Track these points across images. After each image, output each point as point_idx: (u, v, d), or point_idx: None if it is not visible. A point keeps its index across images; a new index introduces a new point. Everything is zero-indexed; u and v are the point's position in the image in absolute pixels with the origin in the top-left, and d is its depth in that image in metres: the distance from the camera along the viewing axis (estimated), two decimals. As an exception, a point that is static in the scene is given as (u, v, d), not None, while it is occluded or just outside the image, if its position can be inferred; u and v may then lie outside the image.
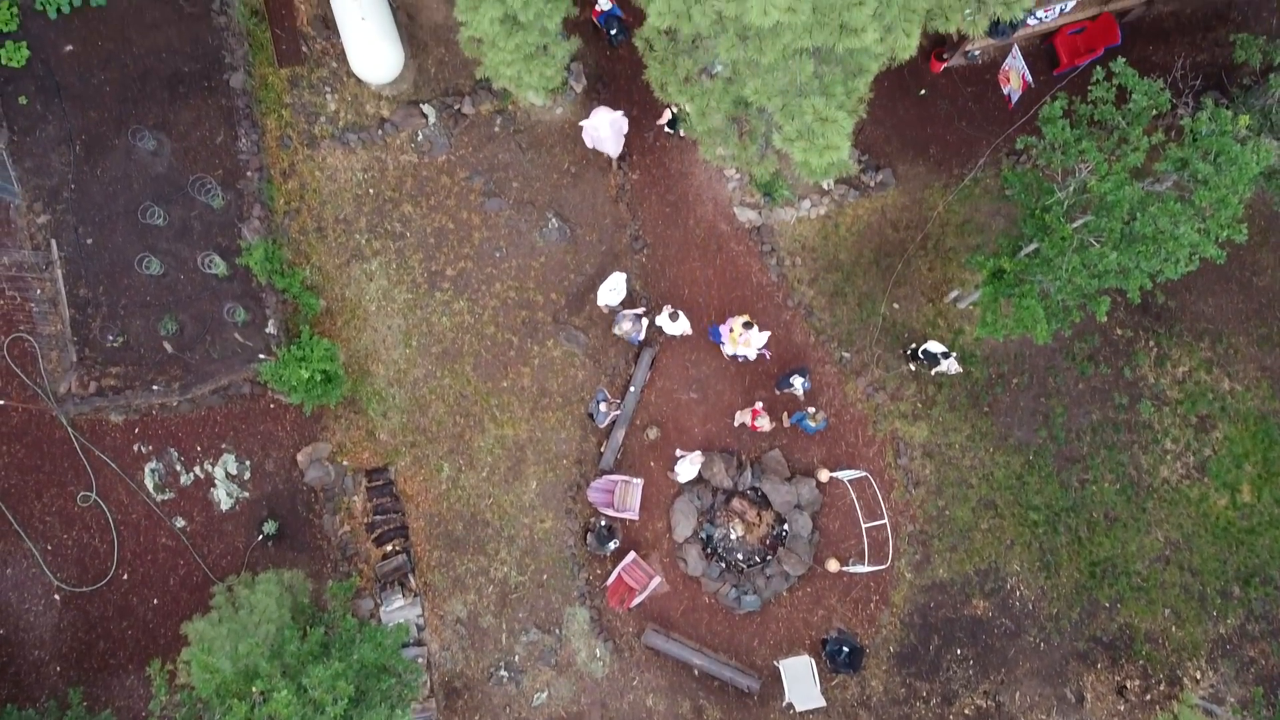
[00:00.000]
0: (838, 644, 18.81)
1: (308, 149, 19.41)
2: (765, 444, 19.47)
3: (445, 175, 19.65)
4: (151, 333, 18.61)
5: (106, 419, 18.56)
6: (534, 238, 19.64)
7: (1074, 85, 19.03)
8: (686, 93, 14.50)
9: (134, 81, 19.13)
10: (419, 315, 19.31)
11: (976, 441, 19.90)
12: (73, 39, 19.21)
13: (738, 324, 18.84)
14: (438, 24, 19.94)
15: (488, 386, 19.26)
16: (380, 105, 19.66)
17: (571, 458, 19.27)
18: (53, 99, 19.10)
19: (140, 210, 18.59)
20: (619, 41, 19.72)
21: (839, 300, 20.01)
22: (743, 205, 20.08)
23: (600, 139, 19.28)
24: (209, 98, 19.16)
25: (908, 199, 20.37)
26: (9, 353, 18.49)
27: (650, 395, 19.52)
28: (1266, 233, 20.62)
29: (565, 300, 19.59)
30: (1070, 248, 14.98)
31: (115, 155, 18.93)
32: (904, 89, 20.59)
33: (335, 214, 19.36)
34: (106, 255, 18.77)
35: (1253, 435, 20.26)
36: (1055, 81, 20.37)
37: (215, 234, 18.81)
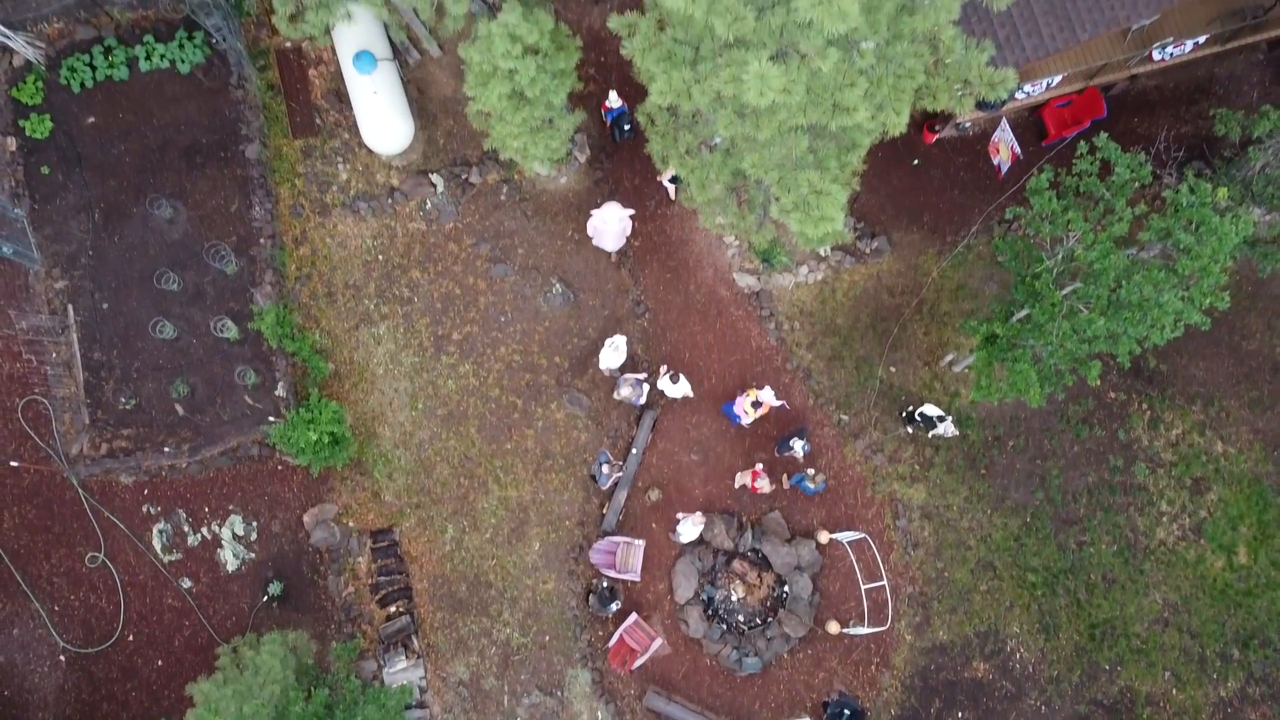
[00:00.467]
0: (839, 706, 18.84)
1: (319, 217, 20.00)
2: (765, 505, 19.72)
3: (453, 242, 20.22)
4: (163, 395, 19.00)
5: (117, 480, 18.85)
6: (538, 302, 20.13)
7: (1061, 156, 19.66)
8: (687, 165, 15.08)
9: (153, 152, 19.81)
10: (425, 378, 19.71)
11: (974, 503, 20.13)
12: (95, 111, 19.94)
13: (747, 402, 19.18)
14: (446, 97, 20.68)
15: (492, 448, 19.58)
16: (390, 174, 20.30)
17: (574, 519, 19.51)
18: (74, 169, 19.76)
19: (156, 276, 19.12)
20: (624, 138, 20.29)
21: (837, 364, 20.42)
22: (742, 271, 20.60)
23: (603, 233, 19.75)
24: (225, 167, 19.82)
25: (903, 265, 20.90)
26: (23, 415, 18.85)
27: (652, 457, 19.82)
28: (1254, 298, 21.10)
29: (568, 364, 20.00)
30: (1060, 314, 15.43)
31: (133, 223, 19.53)
32: (898, 159, 21.25)
33: (345, 279, 19.87)
34: (121, 319, 19.25)
35: (1247, 497, 20.50)
36: (1044, 152, 21.02)
37: (228, 299, 19.31)
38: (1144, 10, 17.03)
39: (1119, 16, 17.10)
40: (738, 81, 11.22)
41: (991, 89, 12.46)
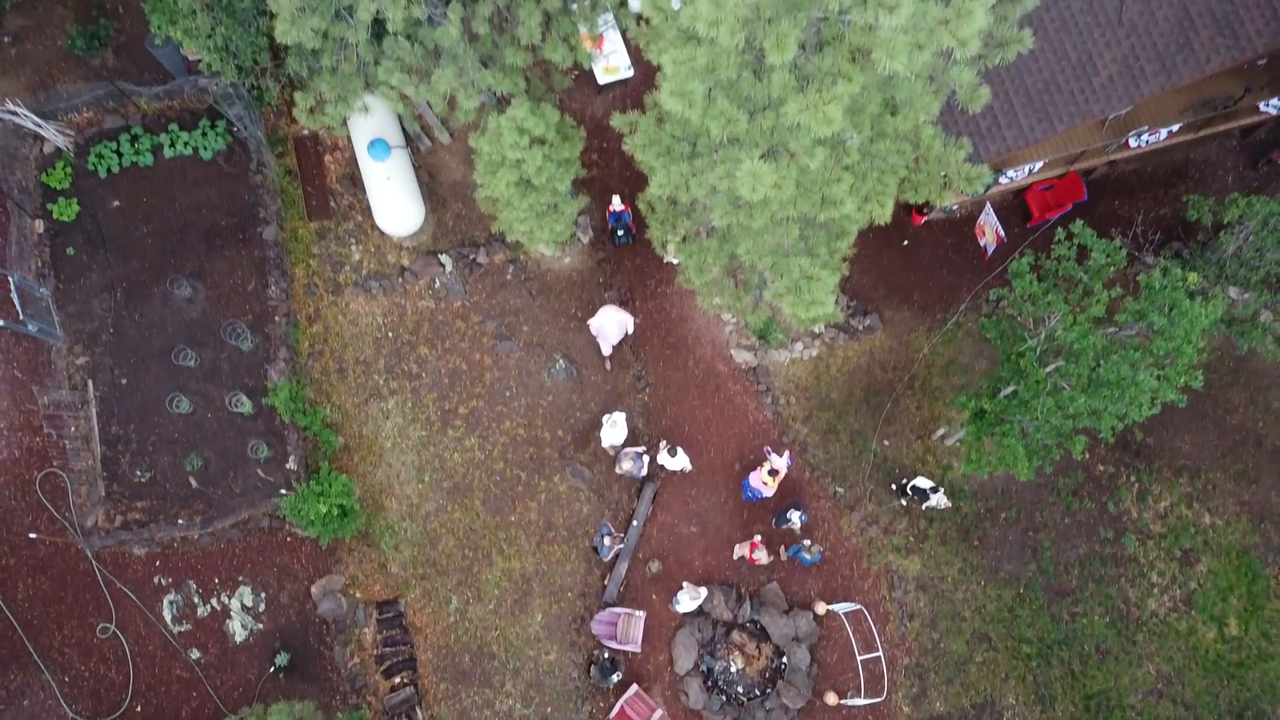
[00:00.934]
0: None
1: (332, 295, 20.79)
2: (764, 577, 20.12)
3: (460, 319, 20.97)
4: (178, 468, 19.56)
5: (129, 552, 19.30)
6: (542, 378, 20.80)
7: (1043, 239, 20.52)
8: (685, 249, 15.87)
9: (174, 234, 20.69)
10: (432, 451, 20.28)
11: (968, 575, 20.52)
12: (120, 195, 20.88)
13: (764, 473, 19.68)
14: (456, 182, 21.64)
15: (496, 520, 20.05)
16: (401, 255, 21.15)
17: (576, 590, 19.89)
18: (98, 250, 20.62)
19: (174, 352, 19.83)
20: (621, 242, 21.20)
21: (832, 437, 21.00)
22: (739, 347, 21.31)
23: (605, 334, 20.48)
24: (243, 248, 20.69)
25: (895, 341, 21.61)
26: (41, 488, 19.38)
27: (652, 529, 20.28)
28: (1235, 373, 21.75)
29: (571, 437, 20.58)
30: (1044, 391, 16.06)
31: (153, 301, 20.31)
32: (888, 240, 22.11)
33: (356, 355, 20.58)
34: (139, 394, 19.91)
35: (1236, 569, 20.89)
36: (1029, 233, 21.90)
37: (243, 374, 19.99)
38: (1117, 103, 18.03)
39: (1093, 109, 18.09)
40: (732, 177, 12.04)
41: (969, 184, 13.29)
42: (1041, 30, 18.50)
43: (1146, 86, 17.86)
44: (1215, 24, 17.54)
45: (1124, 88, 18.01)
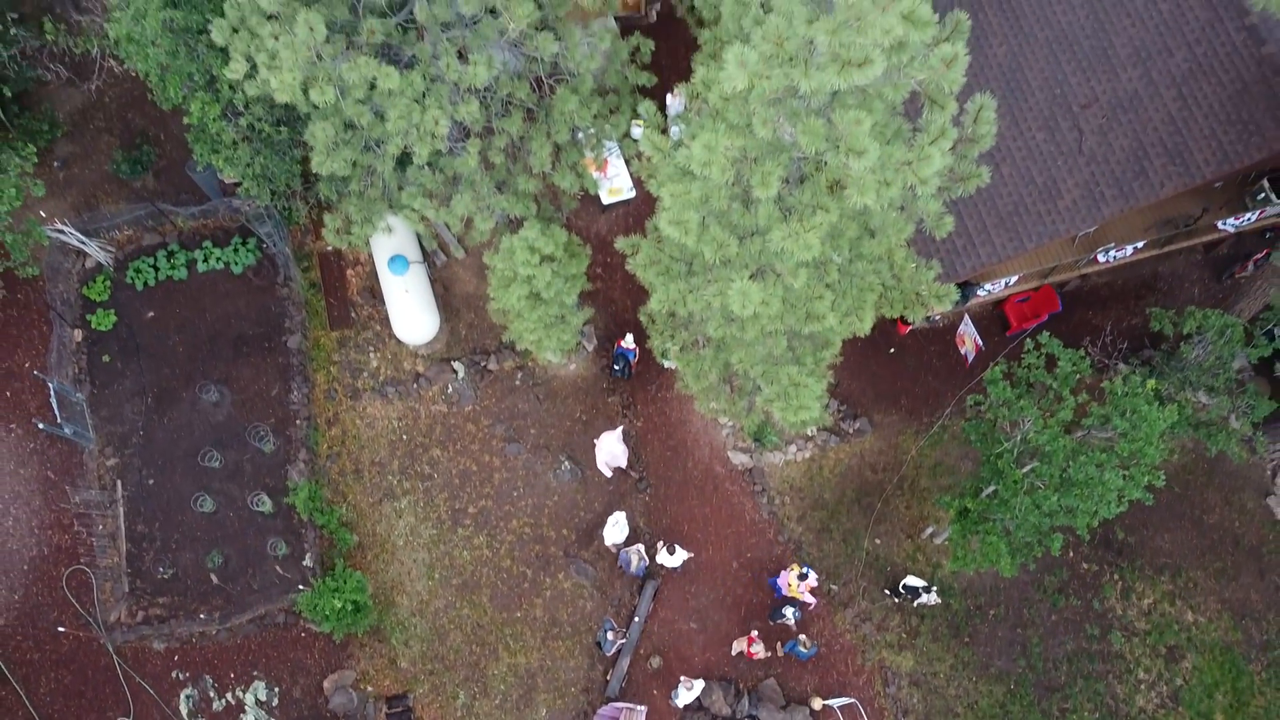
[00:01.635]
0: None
1: (351, 400, 22.01)
2: (761, 672, 20.75)
3: (471, 423, 22.13)
4: (199, 565, 20.45)
5: (149, 646, 20.02)
6: (548, 478, 21.84)
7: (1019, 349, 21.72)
8: (683, 358, 17.15)
9: (204, 343, 22.04)
10: (442, 549, 21.17)
11: (960, 670, 21.14)
12: (154, 307, 22.32)
13: (793, 575, 20.55)
14: (469, 294, 23.10)
15: (503, 616, 20.82)
16: (416, 362, 22.45)
17: (579, 685, 20.51)
18: (132, 358, 21.94)
19: (200, 454, 20.94)
20: (617, 375, 22.51)
21: (825, 536, 21.90)
22: (735, 450, 22.40)
23: (614, 455, 21.66)
24: (268, 356, 22.00)
25: (884, 444, 22.71)
26: (68, 584, 20.23)
27: (653, 625, 21.01)
28: (1210, 475, 22.77)
29: (575, 536, 21.50)
30: (1021, 490, 17.10)
31: (181, 406, 21.52)
32: (876, 348, 23.44)
33: (372, 457, 21.67)
34: (165, 494, 20.93)
35: (1220, 665, 21.50)
36: (1008, 342, 23.23)
37: (264, 475, 21.04)
38: (1080, 224, 19.58)
39: (1059, 230, 19.63)
40: (724, 294, 13.38)
41: (938, 300, 14.64)
42: (1009, 159, 20.21)
43: (1107, 209, 19.42)
44: (1167, 153, 19.21)
45: (1086, 210, 19.58)
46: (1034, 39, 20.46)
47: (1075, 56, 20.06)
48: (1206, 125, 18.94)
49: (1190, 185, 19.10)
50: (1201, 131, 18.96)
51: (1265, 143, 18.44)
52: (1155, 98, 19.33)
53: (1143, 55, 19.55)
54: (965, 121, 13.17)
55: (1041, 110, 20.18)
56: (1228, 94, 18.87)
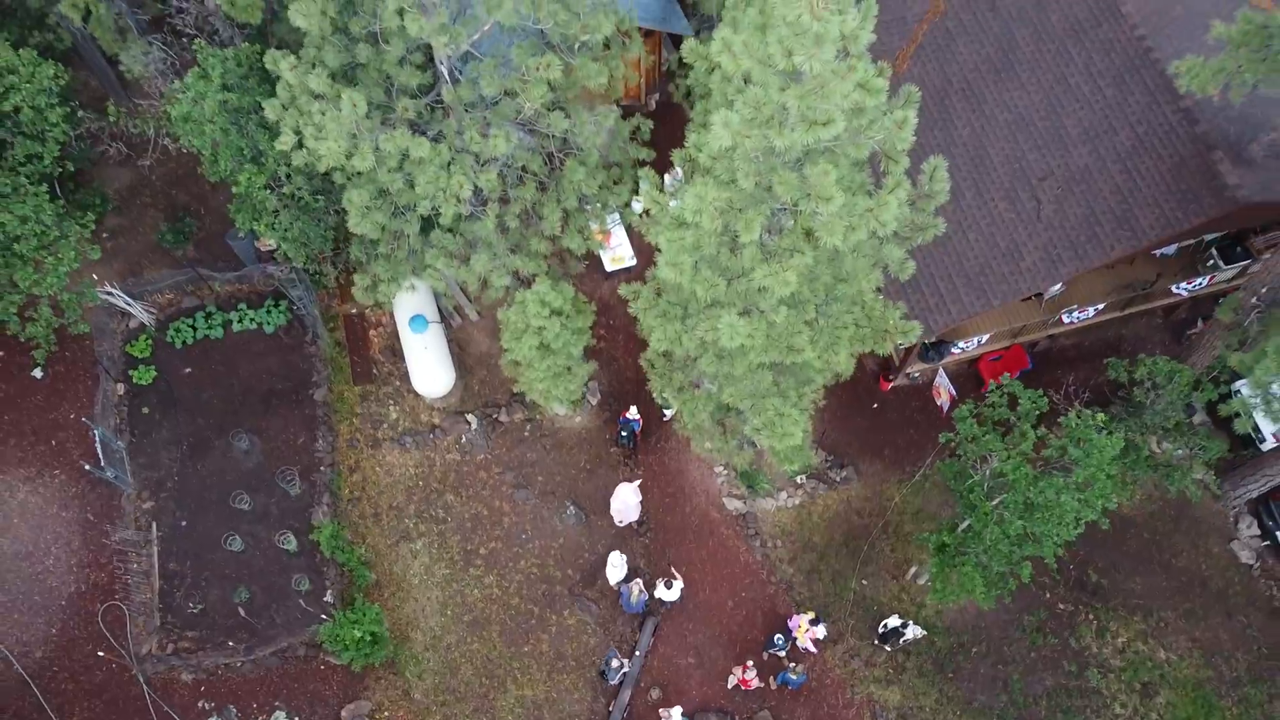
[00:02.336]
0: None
1: (371, 449, 23.64)
2: (755, 705, 21.86)
3: (483, 471, 23.72)
4: (227, 600, 21.78)
5: (178, 677, 21.21)
6: (555, 522, 23.31)
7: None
8: (680, 399, 18.90)
9: (237, 396, 23.79)
10: (454, 588, 22.52)
11: (945, 705, 22.24)
12: (191, 363, 24.14)
13: (805, 620, 21.84)
14: (482, 352, 24.96)
15: (511, 651, 22.04)
16: (433, 414, 24.16)
17: (583, 717, 21.60)
18: (169, 409, 23.66)
19: (231, 497, 22.47)
20: (623, 444, 24.24)
21: (815, 577, 23.25)
22: (730, 496, 23.93)
23: (628, 507, 23.23)
24: (296, 408, 23.73)
25: (869, 491, 24.25)
26: (103, 619, 21.53)
27: (653, 660, 22.21)
28: (1177, 521, 24.23)
29: (580, 576, 22.87)
30: (991, 520, 18.62)
31: (214, 454, 23.15)
32: (861, 403, 25.19)
33: (390, 502, 23.19)
34: (197, 535, 22.39)
35: (1193, 701, 22.59)
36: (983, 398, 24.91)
37: (290, 517, 22.54)
38: (1040, 283, 21.54)
39: (1021, 288, 21.58)
40: (715, 330, 15.21)
41: (904, 335, 16.45)
42: (975, 226, 22.31)
43: (1064, 269, 21.41)
44: (1116, 220, 21.27)
45: (1045, 270, 21.56)
46: (995, 121, 22.79)
47: (1032, 136, 22.34)
48: (1150, 195, 21.06)
49: (1137, 248, 21.11)
50: (1145, 200, 21.07)
51: (1202, 209, 20.50)
52: (1104, 171, 21.51)
53: (1091, 134, 21.81)
54: (922, 180, 15.25)
55: (1003, 183, 22.36)
56: (1167, 167, 21.04)
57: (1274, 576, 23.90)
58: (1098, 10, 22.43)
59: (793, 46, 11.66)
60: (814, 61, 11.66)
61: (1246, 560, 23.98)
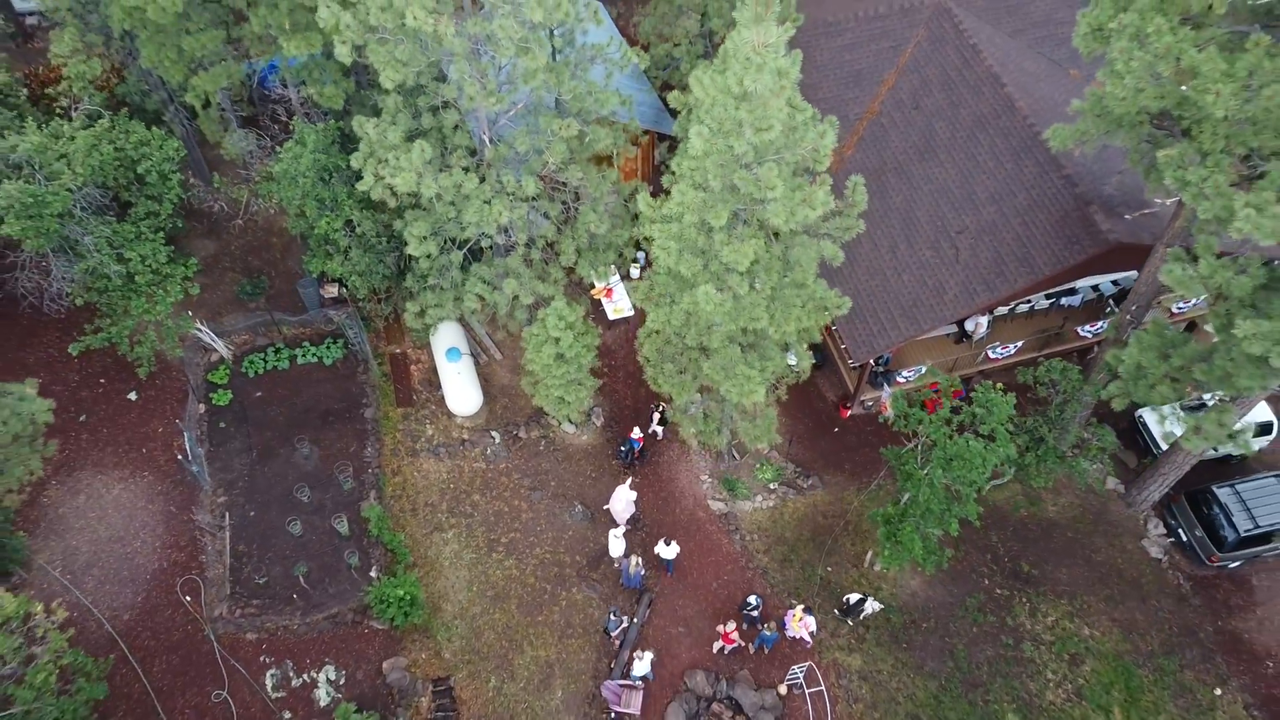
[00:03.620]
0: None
1: (411, 457, 28.04)
2: (737, 666, 25.43)
3: (504, 476, 28.04)
4: (288, 574, 25.68)
5: (243, 636, 24.84)
6: (564, 518, 27.44)
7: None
8: (670, 381, 23.61)
9: (299, 414, 28.39)
10: (479, 570, 26.43)
11: (900, 670, 25.79)
12: (261, 388, 28.86)
13: (799, 610, 25.62)
14: (504, 384, 29.72)
15: (527, 620, 25.75)
16: (462, 431, 28.68)
17: (588, 674, 25.11)
18: (242, 424, 28.19)
19: (293, 489, 26.73)
20: (623, 459, 28.91)
21: (787, 565, 27.21)
22: (714, 499, 28.17)
23: (625, 505, 27.57)
24: (348, 424, 28.28)
25: (832, 497, 28.52)
26: (181, 590, 25.36)
27: (649, 630, 25.88)
28: (1096, 523, 28.44)
29: (585, 561, 26.82)
30: (924, 483, 23.01)
31: (279, 459, 27.54)
32: (825, 428, 29.78)
33: (425, 500, 27.39)
34: (263, 522, 26.50)
35: (1114, 669, 26.17)
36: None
37: (342, 507, 26.71)
38: (961, 312, 26.62)
39: (945, 316, 26.66)
40: (695, 302, 20.19)
41: (839, 308, 21.38)
42: (908, 269, 27.64)
43: (978, 300, 26.56)
44: (1018, 260, 26.60)
45: (964, 302, 26.70)
46: (921, 190, 28.52)
47: (950, 200, 28.01)
48: (1043, 240, 26.49)
49: (1035, 281, 26.33)
50: (1040, 245, 26.47)
51: (1083, 249, 25.84)
52: (1007, 224, 27.03)
53: (996, 197, 27.48)
54: (848, 193, 20.62)
55: (929, 237, 27.85)
56: (1055, 220, 26.56)
57: (1180, 569, 27.92)
58: (998, 107, 28.57)
59: (743, 76, 17.21)
60: (758, 84, 17.19)
61: (1156, 555, 28.05)
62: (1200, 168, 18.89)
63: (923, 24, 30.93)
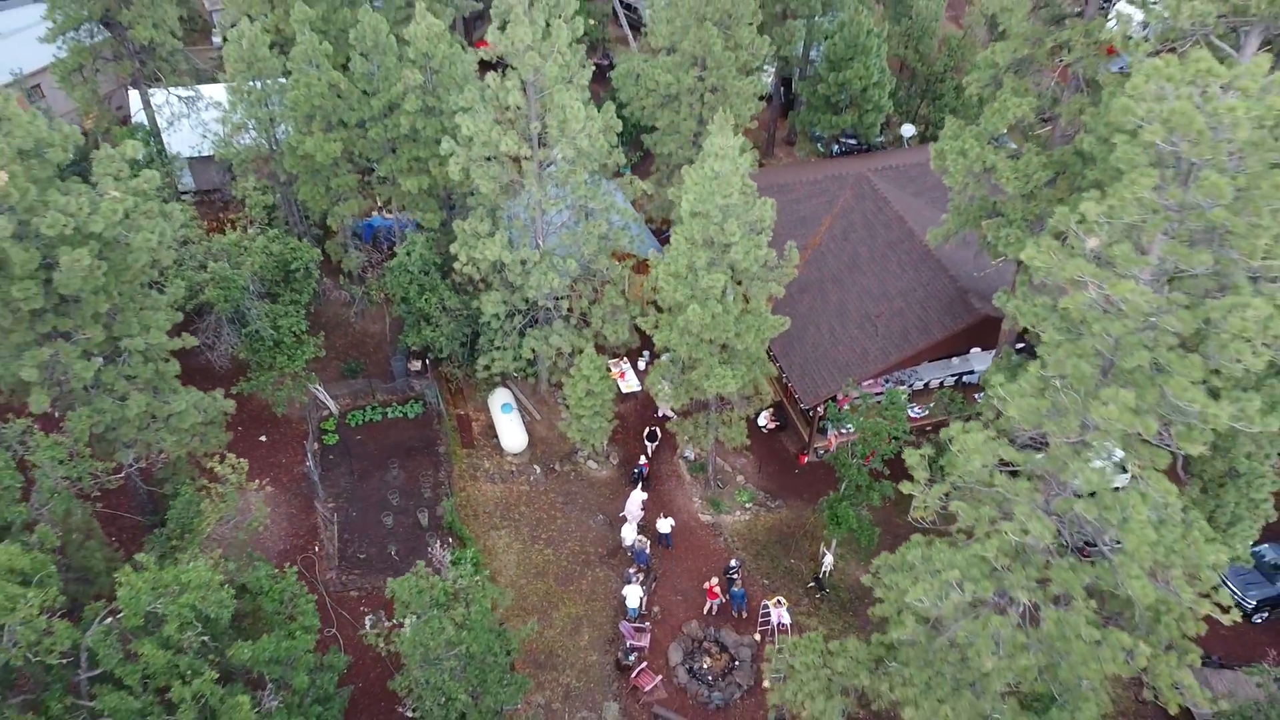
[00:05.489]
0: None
1: (473, 481, 36.98)
2: (723, 622, 33.20)
3: (543, 495, 36.86)
4: (382, 551, 34.02)
5: (348, 595, 32.82)
6: (589, 523, 36.01)
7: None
8: (669, 390, 33.24)
9: (388, 449, 37.64)
10: (525, 555, 34.70)
11: (846, 630, 33.51)
12: (360, 433, 38.28)
13: (776, 600, 33.81)
14: (542, 435, 39.16)
15: (560, 589, 33.75)
16: (512, 464, 37.77)
17: (608, 624, 32.83)
18: (345, 456, 37.38)
19: (386, 493, 35.54)
20: (634, 479, 38.14)
21: (760, 558, 35.48)
22: (703, 514, 36.84)
23: (635, 507, 36.55)
24: (426, 456, 37.47)
25: (793, 515, 37.18)
26: (301, 564, 33.58)
27: (654, 600, 33.82)
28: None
29: (605, 551, 35.13)
30: (853, 468, 32.11)
31: (374, 478, 36.52)
32: (788, 470, 38.89)
33: (484, 510, 36.08)
34: (363, 519, 35.11)
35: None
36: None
37: (424, 509, 35.38)
38: (881, 366, 36.64)
39: (870, 370, 36.68)
40: (685, 317, 30.34)
41: (781, 325, 31.36)
42: (841, 342, 37.95)
43: (893, 358, 36.68)
44: (919, 330, 36.96)
45: (882, 361, 36.80)
46: (850, 291, 39.39)
47: (872, 296, 38.79)
48: (937, 316, 37.00)
49: (933, 343, 36.53)
50: (933, 319, 36.95)
51: (962, 320, 36.30)
52: (912, 309, 37.65)
53: (903, 292, 38.29)
54: (786, 255, 31.37)
55: (856, 319, 38.37)
56: (945, 303, 37.21)
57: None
58: (901, 235, 40.03)
59: (714, 164, 28.37)
60: (722, 167, 28.33)
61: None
62: (1007, 228, 29.75)
63: (849, 186, 43.10)
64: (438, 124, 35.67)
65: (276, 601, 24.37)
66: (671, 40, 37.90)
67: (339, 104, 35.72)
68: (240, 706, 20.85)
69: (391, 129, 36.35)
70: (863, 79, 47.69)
